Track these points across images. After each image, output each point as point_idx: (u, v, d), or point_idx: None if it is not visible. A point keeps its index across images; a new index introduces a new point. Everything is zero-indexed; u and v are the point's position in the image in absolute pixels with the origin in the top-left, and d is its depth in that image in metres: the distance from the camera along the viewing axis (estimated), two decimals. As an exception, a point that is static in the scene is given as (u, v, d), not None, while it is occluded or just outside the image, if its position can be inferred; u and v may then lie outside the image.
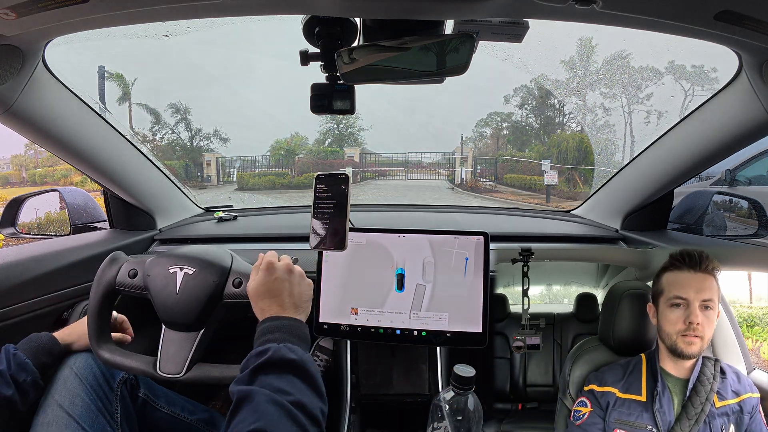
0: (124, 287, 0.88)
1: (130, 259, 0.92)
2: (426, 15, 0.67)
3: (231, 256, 0.92)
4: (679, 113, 1.07)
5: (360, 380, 1.22)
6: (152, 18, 0.72)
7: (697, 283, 0.93)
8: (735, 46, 0.78)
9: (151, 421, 0.96)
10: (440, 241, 1.04)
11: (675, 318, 0.93)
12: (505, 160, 20.43)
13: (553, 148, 18.32)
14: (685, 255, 0.96)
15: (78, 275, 1.12)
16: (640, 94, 18.33)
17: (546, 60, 15.98)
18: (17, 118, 0.92)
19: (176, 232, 1.49)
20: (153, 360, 0.86)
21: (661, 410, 0.91)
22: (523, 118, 22.42)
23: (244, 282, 0.86)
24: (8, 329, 0.97)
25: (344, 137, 23.46)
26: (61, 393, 0.82)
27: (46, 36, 0.80)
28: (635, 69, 18.25)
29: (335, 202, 0.82)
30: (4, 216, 1.41)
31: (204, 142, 21.33)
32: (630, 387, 0.96)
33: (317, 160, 21.16)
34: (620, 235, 1.39)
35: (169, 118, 20.73)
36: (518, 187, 17.61)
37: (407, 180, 19.88)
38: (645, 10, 0.63)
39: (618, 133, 18.94)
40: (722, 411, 0.90)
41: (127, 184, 1.32)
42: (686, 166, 1.15)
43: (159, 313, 0.87)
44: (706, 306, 0.92)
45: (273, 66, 29.65)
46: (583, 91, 18.38)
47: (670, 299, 0.95)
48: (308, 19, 0.71)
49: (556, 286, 1.20)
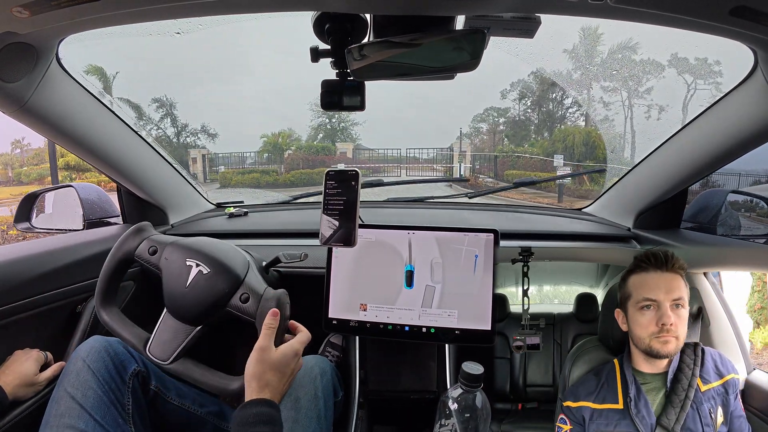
0: (141, 259, 0.91)
1: (155, 234, 0.94)
2: (437, 11, 0.67)
3: (248, 268, 0.93)
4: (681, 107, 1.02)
5: (368, 376, 1.23)
6: (165, 16, 0.73)
7: (666, 283, 0.92)
8: (750, 43, 0.77)
9: (161, 413, 0.97)
10: (450, 238, 1.04)
11: (646, 321, 0.92)
12: (506, 156, 19.11)
13: (558, 143, 17.67)
14: (650, 255, 0.95)
15: (92, 269, 1.14)
16: (640, 88, 17.73)
17: (549, 49, 15.37)
18: (32, 115, 0.93)
19: (188, 227, 1.51)
20: (146, 338, 0.89)
21: (639, 415, 0.89)
22: (520, 113, 21.57)
23: (251, 299, 0.87)
24: (23, 322, 0.99)
25: (337, 132, 21.60)
26: (74, 385, 0.83)
27: (60, 34, 0.81)
28: (636, 62, 17.30)
29: (345, 199, 0.82)
30: (19, 211, 1.43)
31: (191, 138, 19.96)
32: (606, 396, 0.95)
33: (307, 156, 19.80)
34: (632, 233, 1.37)
35: (153, 114, 19.58)
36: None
37: (402, 177, 18.70)
38: (659, 5, 0.62)
39: (622, 128, 18.16)
40: (708, 395, 0.89)
41: (140, 180, 1.33)
42: (701, 164, 1.13)
43: (164, 297, 0.90)
44: (677, 305, 0.91)
45: (268, 60, 29.02)
46: (588, 83, 17.80)
47: (639, 302, 0.93)
48: (319, 16, 0.71)
49: (553, 286, 1.19)
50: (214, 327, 0.92)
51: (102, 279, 0.91)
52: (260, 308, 0.86)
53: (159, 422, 0.97)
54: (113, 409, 0.85)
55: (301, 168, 18.80)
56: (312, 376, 0.97)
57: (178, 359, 0.87)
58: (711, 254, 1.14)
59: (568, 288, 1.19)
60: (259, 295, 0.87)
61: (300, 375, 0.97)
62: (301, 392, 0.93)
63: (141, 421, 0.91)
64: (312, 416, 0.90)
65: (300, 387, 0.94)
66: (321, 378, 0.98)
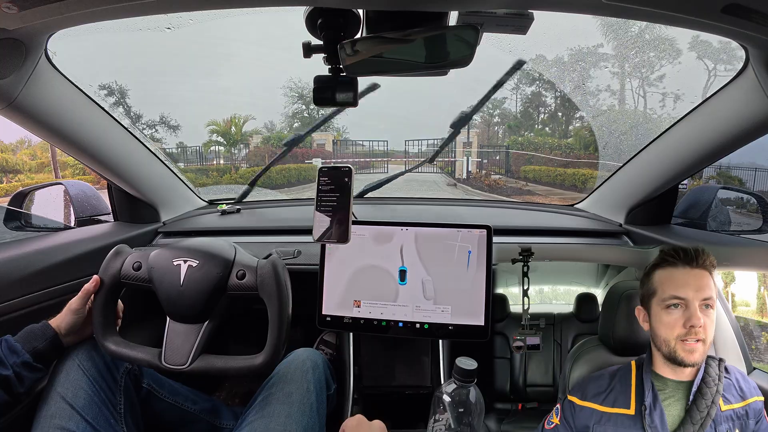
0: (128, 279, 0.89)
1: (134, 251, 0.92)
2: (430, 6, 0.67)
3: (234, 249, 0.93)
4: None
5: (362, 372, 1.23)
6: (156, 10, 0.72)
7: (696, 281, 0.83)
8: (742, 40, 0.77)
9: (154, 411, 0.97)
10: (443, 234, 1.04)
11: (673, 321, 0.83)
12: (519, 149, 15.73)
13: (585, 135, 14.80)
14: (679, 250, 0.86)
15: (83, 267, 1.13)
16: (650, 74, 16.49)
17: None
18: (20, 112, 0.92)
19: (180, 224, 1.50)
20: (158, 351, 0.87)
21: (652, 425, 0.82)
22: (524, 102, 19.53)
23: (247, 274, 0.87)
24: (14, 321, 0.98)
25: (316, 121, 19.50)
26: (64, 385, 0.82)
27: (48, 29, 0.80)
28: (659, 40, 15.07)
29: (338, 195, 0.82)
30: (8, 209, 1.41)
31: (148, 130, 17.01)
32: (617, 399, 0.87)
33: (273, 149, 16.38)
34: (624, 229, 1.39)
35: (101, 102, 17.75)
36: (548, 183, 13.81)
37: (391, 173, 16.82)
38: (652, 2, 0.63)
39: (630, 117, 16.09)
40: (728, 415, 0.81)
41: (131, 177, 1.32)
42: (692, 161, 1.14)
43: (163, 305, 0.88)
44: (707, 305, 0.83)
45: (235, 48, 27.56)
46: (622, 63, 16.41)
47: (665, 300, 0.85)
48: (311, 11, 0.70)
49: (554, 286, 1.19)
50: (221, 319, 0.91)
51: (96, 310, 0.89)
52: (259, 278, 0.86)
53: (152, 420, 0.97)
54: (104, 408, 0.84)
55: (260, 165, 14.87)
56: (304, 370, 0.97)
57: (196, 359, 0.86)
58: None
59: (568, 288, 1.19)
60: (253, 267, 0.88)
61: (292, 368, 0.97)
62: (293, 386, 0.93)
63: (133, 421, 0.90)
64: (305, 410, 0.90)
65: (292, 381, 0.94)
66: (313, 371, 0.99)
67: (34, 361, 0.82)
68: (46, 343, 0.85)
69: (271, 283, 0.85)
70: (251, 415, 0.89)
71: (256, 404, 0.91)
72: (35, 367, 0.82)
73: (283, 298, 0.85)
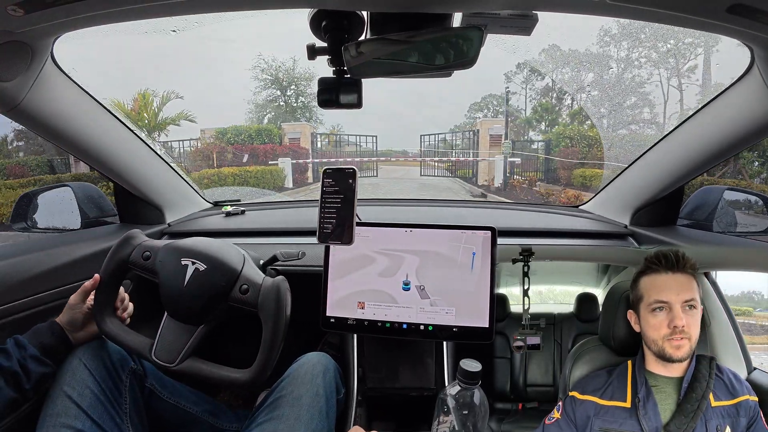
0: (135, 266, 0.90)
1: (147, 240, 0.93)
2: (434, 8, 0.67)
3: (243, 261, 0.93)
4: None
5: (366, 374, 1.23)
6: (161, 13, 0.72)
7: (677, 285, 0.91)
8: (747, 40, 0.77)
9: (156, 411, 0.98)
10: (447, 235, 1.04)
11: (658, 323, 0.91)
12: (567, 144, 11.67)
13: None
14: (660, 256, 0.94)
15: (89, 268, 1.13)
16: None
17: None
18: (26, 114, 0.93)
19: (185, 226, 1.50)
20: (150, 343, 0.88)
21: (646, 416, 0.89)
22: (540, 94, 17.92)
23: (251, 290, 0.87)
24: (21, 321, 0.99)
25: (297, 110, 14.71)
26: (70, 384, 0.83)
27: (54, 32, 0.80)
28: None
29: (342, 197, 0.82)
30: (15, 211, 1.42)
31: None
32: (614, 393, 0.94)
33: (223, 145, 12.40)
34: (629, 230, 1.38)
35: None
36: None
37: (390, 177, 13.67)
38: (657, 3, 0.62)
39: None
40: (717, 411, 0.88)
41: (136, 179, 1.33)
42: (698, 161, 1.13)
43: (163, 301, 0.89)
44: (690, 306, 0.90)
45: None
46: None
47: (650, 304, 0.92)
48: (315, 13, 0.71)
49: (554, 286, 1.19)
50: (216, 324, 0.91)
51: (99, 289, 0.90)
52: (261, 297, 0.86)
53: (154, 420, 0.97)
54: (110, 408, 0.85)
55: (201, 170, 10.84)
56: (314, 374, 0.97)
57: (185, 360, 0.87)
58: (712, 254, 1.14)
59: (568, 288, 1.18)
60: (258, 285, 0.88)
61: (303, 372, 0.97)
62: (302, 389, 0.93)
63: (138, 420, 0.91)
64: (314, 413, 0.90)
65: (302, 384, 0.94)
66: (324, 376, 0.98)
67: (41, 354, 0.83)
68: (52, 338, 0.86)
69: (271, 306, 0.85)
70: (260, 417, 0.89)
71: (266, 406, 0.91)
72: (42, 360, 0.83)
73: (280, 323, 0.85)
